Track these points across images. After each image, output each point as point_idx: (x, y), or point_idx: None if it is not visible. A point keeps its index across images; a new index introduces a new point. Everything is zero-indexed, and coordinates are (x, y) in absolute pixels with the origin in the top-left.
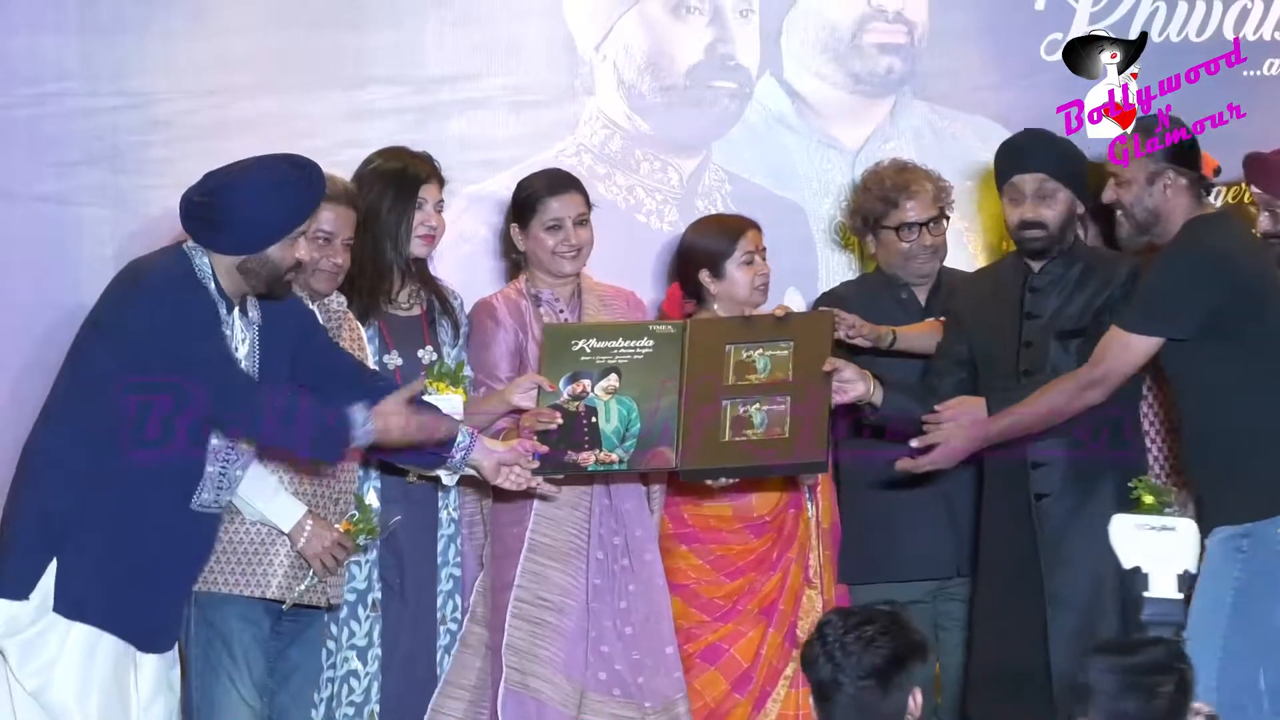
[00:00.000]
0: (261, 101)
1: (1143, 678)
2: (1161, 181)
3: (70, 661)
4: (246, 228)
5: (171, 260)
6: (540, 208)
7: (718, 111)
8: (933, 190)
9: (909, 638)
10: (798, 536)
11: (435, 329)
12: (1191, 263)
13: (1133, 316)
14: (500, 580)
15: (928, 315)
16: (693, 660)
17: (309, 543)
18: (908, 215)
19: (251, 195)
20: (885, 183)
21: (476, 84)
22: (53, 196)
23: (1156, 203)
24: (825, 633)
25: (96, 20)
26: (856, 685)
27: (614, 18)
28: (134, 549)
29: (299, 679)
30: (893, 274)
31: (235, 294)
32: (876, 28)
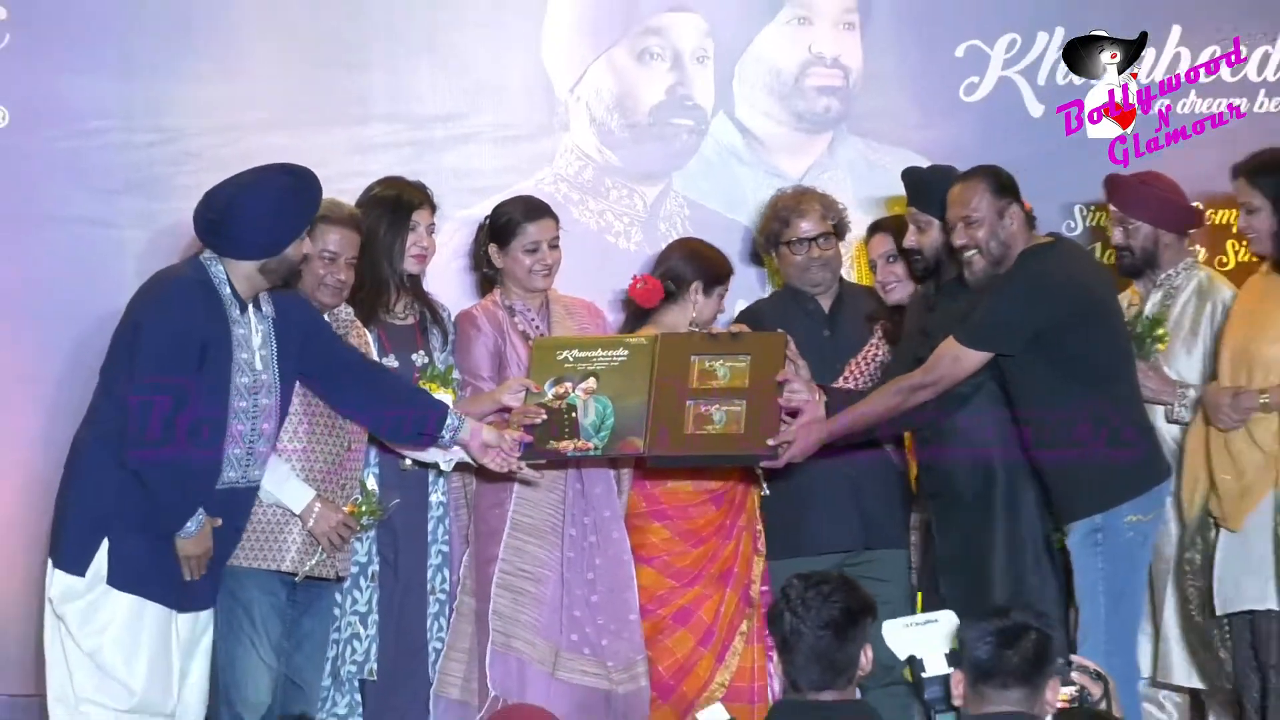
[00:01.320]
0: (276, 136)
1: (1005, 637)
2: (1008, 216)
3: (120, 626)
4: (265, 237)
5: (187, 267)
6: (519, 231)
7: (678, 145)
8: (821, 210)
9: (860, 596)
10: (746, 506)
11: (427, 336)
12: (1023, 289)
13: (967, 333)
14: (485, 555)
15: (833, 324)
16: (666, 622)
17: (317, 522)
18: (799, 231)
19: (263, 208)
20: (782, 204)
21: (465, 121)
22: (95, 219)
23: (1007, 235)
24: (788, 592)
25: (133, 65)
26: (815, 635)
27: (586, 63)
28: (170, 527)
29: (311, 644)
30: (799, 288)
31: (248, 294)
32: (816, 72)
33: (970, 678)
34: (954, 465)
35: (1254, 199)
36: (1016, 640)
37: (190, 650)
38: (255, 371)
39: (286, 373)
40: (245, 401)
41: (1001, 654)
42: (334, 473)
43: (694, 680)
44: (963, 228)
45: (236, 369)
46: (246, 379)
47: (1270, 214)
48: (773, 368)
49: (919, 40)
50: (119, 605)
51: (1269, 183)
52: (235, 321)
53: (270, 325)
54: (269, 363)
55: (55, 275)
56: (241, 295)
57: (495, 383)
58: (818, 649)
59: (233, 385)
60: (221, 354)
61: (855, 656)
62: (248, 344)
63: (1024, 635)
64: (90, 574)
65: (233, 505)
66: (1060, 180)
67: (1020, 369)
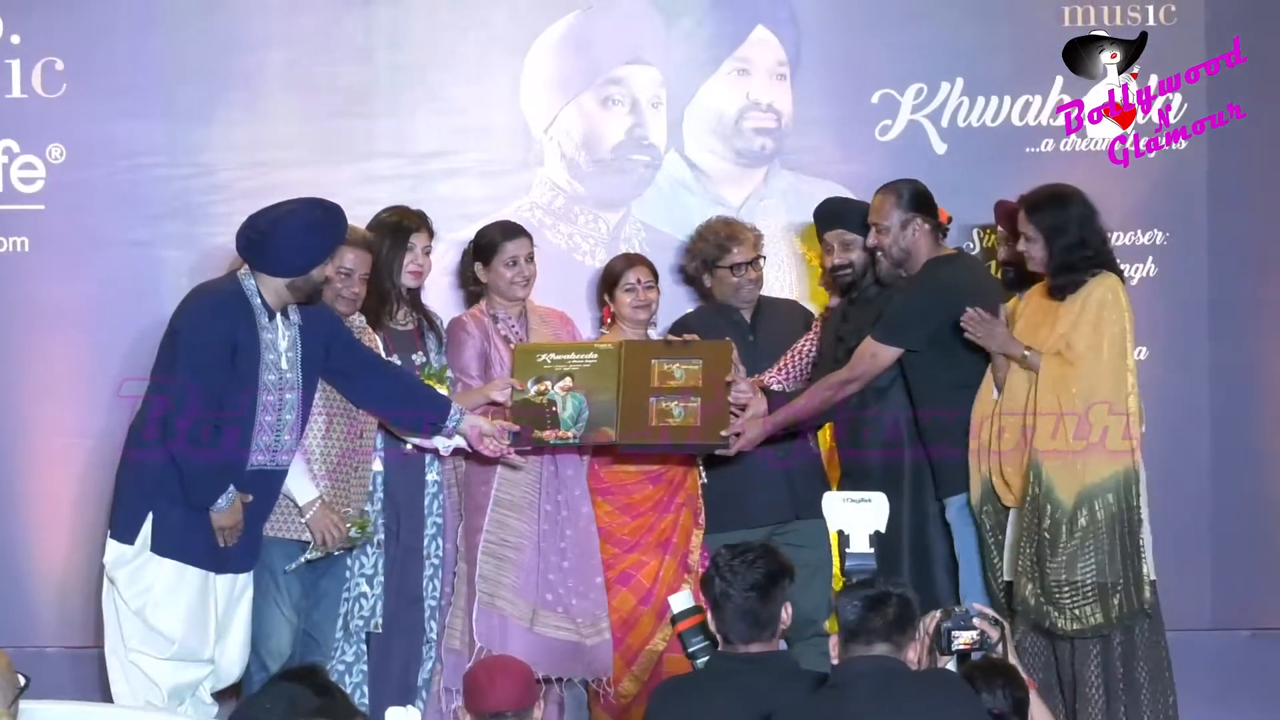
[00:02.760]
0: (295, 171)
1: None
2: (911, 227)
3: (164, 587)
4: (297, 257)
5: (224, 281)
6: (500, 250)
7: (635, 178)
8: (753, 239)
9: (779, 560)
10: (685, 487)
11: (424, 340)
12: (925, 292)
13: (881, 331)
14: (472, 526)
15: (754, 333)
16: (610, 584)
17: (314, 519)
18: (736, 257)
19: (298, 234)
20: (718, 234)
21: (455, 158)
22: (142, 242)
23: (907, 244)
24: (717, 560)
25: (175, 109)
26: (743, 595)
27: (558, 108)
28: (205, 502)
29: (327, 602)
30: (726, 303)
31: (277, 305)
32: (753, 115)
33: (842, 637)
34: (868, 449)
35: (1029, 230)
36: (880, 605)
37: (230, 608)
38: (281, 371)
39: (310, 373)
40: (273, 396)
41: (867, 616)
42: (348, 458)
43: (637, 634)
44: (874, 232)
45: (265, 368)
46: (273, 377)
47: (1043, 246)
48: (722, 370)
49: (841, 88)
50: (161, 568)
51: (1043, 218)
52: (264, 328)
53: (297, 332)
54: (294, 364)
55: (109, 290)
56: (271, 306)
57: (482, 380)
58: (744, 607)
59: (261, 382)
60: (251, 355)
61: (777, 613)
62: (275, 347)
63: (886, 601)
64: (139, 542)
65: (263, 484)
66: (958, 208)
67: (919, 370)
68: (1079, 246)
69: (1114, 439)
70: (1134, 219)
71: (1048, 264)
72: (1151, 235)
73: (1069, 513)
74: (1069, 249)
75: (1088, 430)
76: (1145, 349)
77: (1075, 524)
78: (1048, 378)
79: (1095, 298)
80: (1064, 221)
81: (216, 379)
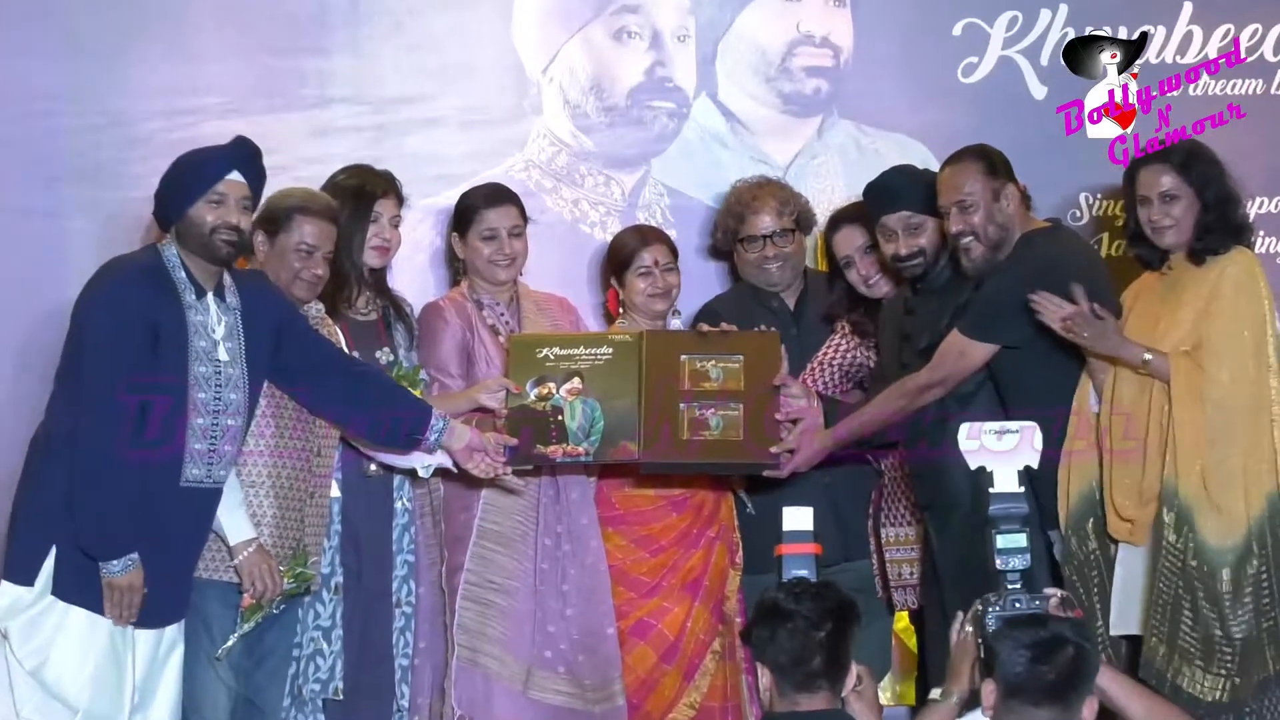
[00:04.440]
0: (230, 121)
1: (1043, 651)
2: (1004, 197)
3: (67, 641)
4: (167, 194)
5: (139, 253)
6: (477, 218)
7: (657, 130)
8: (777, 205)
9: (848, 599)
10: (719, 517)
11: (392, 333)
12: (1025, 275)
13: (970, 324)
14: (451, 564)
15: (799, 321)
16: (624, 636)
17: (246, 561)
18: (752, 229)
19: (173, 167)
20: (737, 199)
21: (431, 104)
22: (40, 209)
23: (1004, 219)
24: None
25: (80, 46)
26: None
27: (559, 43)
28: (129, 531)
29: (274, 660)
30: (764, 286)
31: (206, 279)
32: (805, 51)
33: (1000, 690)
34: (950, 471)
35: (1174, 186)
36: (1053, 653)
37: (155, 668)
38: (218, 363)
39: (256, 369)
40: (206, 394)
41: (1035, 669)
42: (302, 481)
43: (658, 699)
44: (957, 213)
45: (195, 358)
46: (207, 369)
47: (1192, 205)
48: (768, 370)
49: (914, 18)
50: (65, 618)
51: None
52: (191, 307)
53: (237, 318)
54: (236, 356)
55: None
56: (199, 281)
57: (464, 380)
58: (810, 649)
59: (192, 375)
60: (177, 340)
61: (848, 661)
62: (207, 332)
63: (1061, 647)
64: (38, 585)
65: (197, 506)
66: (1065, 167)
67: (1015, 364)
68: (1235, 204)
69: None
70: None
71: (1195, 228)
72: None
73: (1238, 554)
74: (1224, 203)
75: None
76: None
77: (1244, 568)
78: (1183, 385)
79: (1230, 277)
80: (1218, 174)
81: (134, 374)
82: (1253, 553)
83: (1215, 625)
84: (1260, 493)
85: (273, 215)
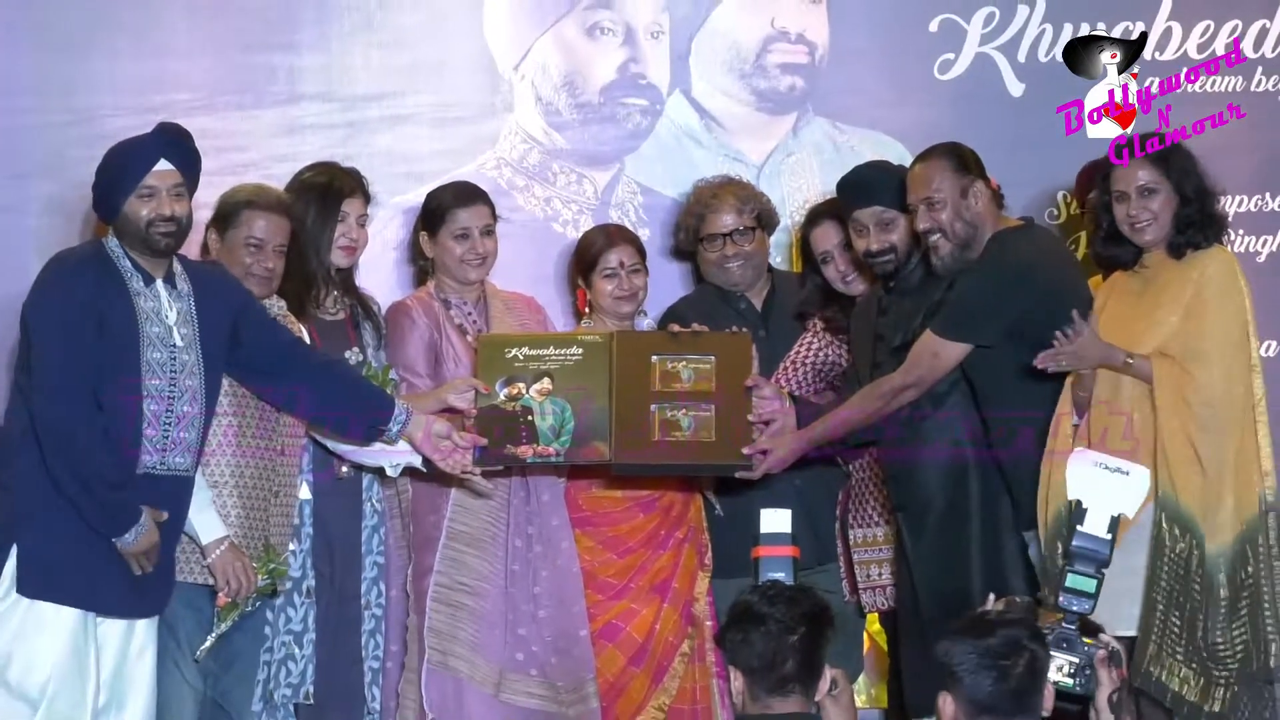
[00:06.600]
0: (199, 118)
1: (997, 659)
2: (972, 194)
3: (27, 635)
4: (99, 190)
5: (84, 245)
6: (449, 218)
7: (630, 127)
8: (737, 203)
9: (824, 603)
10: (687, 518)
11: (360, 332)
12: (997, 274)
13: (943, 325)
14: (420, 566)
15: (766, 322)
16: (592, 638)
17: (219, 559)
18: (713, 227)
19: (102, 162)
20: (698, 198)
21: (402, 101)
22: (4, 207)
23: (973, 216)
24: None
25: (46, 39)
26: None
27: (531, 39)
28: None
29: (241, 664)
30: (726, 286)
31: (153, 268)
32: (779, 48)
33: (967, 708)
34: (925, 472)
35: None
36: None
37: (126, 665)
38: (173, 348)
39: (211, 355)
40: (160, 380)
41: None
42: (266, 479)
43: (627, 701)
44: (925, 210)
45: (147, 343)
46: (161, 354)
47: (1170, 199)
48: (740, 371)
49: (890, 14)
50: (28, 614)
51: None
52: (139, 294)
53: (190, 304)
54: (191, 343)
55: None
56: (146, 269)
57: (432, 380)
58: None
59: (144, 361)
60: (125, 326)
61: (821, 664)
62: (159, 319)
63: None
64: (3, 585)
65: (156, 494)
66: (1043, 165)
67: (989, 363)
68: (1212, 198)
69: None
70: (1261, 179)
71: (1173, 222)
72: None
73: (1232, 559)
74: (1203, 196)
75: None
76: (1274, 343)
77: (1237, 572)
78: (1168, 392)
79: (1211, 277)
80: (1195, 167)
81: (82, 366)
82: (1247, 557)
83: (1216, 633)
84: (1251, 494)
85: (223, 212)
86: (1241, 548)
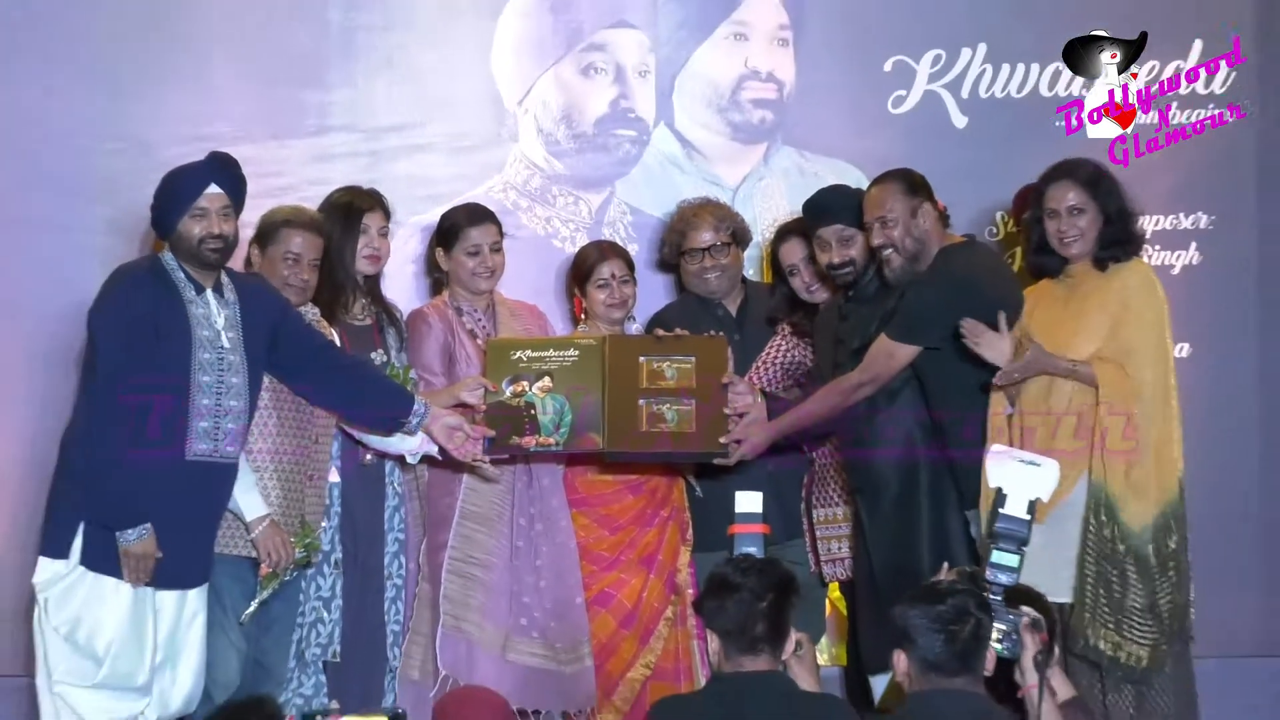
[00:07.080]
0: (240, 147)
1: (947, 624)
2: (920, 214)
3: (91, 604)
4: (157, 211)
5: (142, 259)
6: (462, 236)
7: (620, 155)
8: (715, 222)
9: (790, 573)
10: (671, 499)
11: (384, 336)
12: (943, 284)
13: (896, 329)
14: (435, 542)
15: (741, 327)
16: (587, 605)
17: (261, 535)
18: (693, 243)
19: (159, 186)
20: (680, 217)
21: (419, 132)
22: (69, 226)
23: (920, 234)
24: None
25: (106, 82)
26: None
27: (534, 77)
28: (143, 505)
29: (279, 628)
30: (704, 295)
31: (204, 279)
32: (752, 85)
33: (919, 665)
34: (880, 460)
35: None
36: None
37: (179, 630)
38: (221, 349)
39: (254, 355)
40: (210, 377)
41: (950, 648)
42: (302, 466)
43: (618, 660)
44: (879, 228)
45: (198, 345)
46: (210, 356)
47: (1096, 218)
48: (717, 370)
49: (849, 55)
50: (93, 585)
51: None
52: (191, 302)
53: (235, 310)
54: (236, 345)
55: (38, 279)
56: (197, 280)
57: (446, 379)
58: (755, 616)
59: (195, 360)
60: (179, 330)
61: (788, 627)
62: (209, 323)
63: (964, 620)
64: (72, 558)
65: (208, 478)
66: (983, 189)
67: (935, 364)
68: (1132, 218)
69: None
70: (1175, 200)
71: (1098, 239)
72: (1195, 218)
73: (1156, 531)
74: (1124, 217)
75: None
76: (1187, 346)
77: (1162, 544)
78: (1114, 392)
79: (1134, 287)
80: (1118, 190)
81: (140, 365)
82: (1171, 529)
83: (1141, 596)
84: (1172, 475)
85: (264, 230)
86: (1165, 522)
